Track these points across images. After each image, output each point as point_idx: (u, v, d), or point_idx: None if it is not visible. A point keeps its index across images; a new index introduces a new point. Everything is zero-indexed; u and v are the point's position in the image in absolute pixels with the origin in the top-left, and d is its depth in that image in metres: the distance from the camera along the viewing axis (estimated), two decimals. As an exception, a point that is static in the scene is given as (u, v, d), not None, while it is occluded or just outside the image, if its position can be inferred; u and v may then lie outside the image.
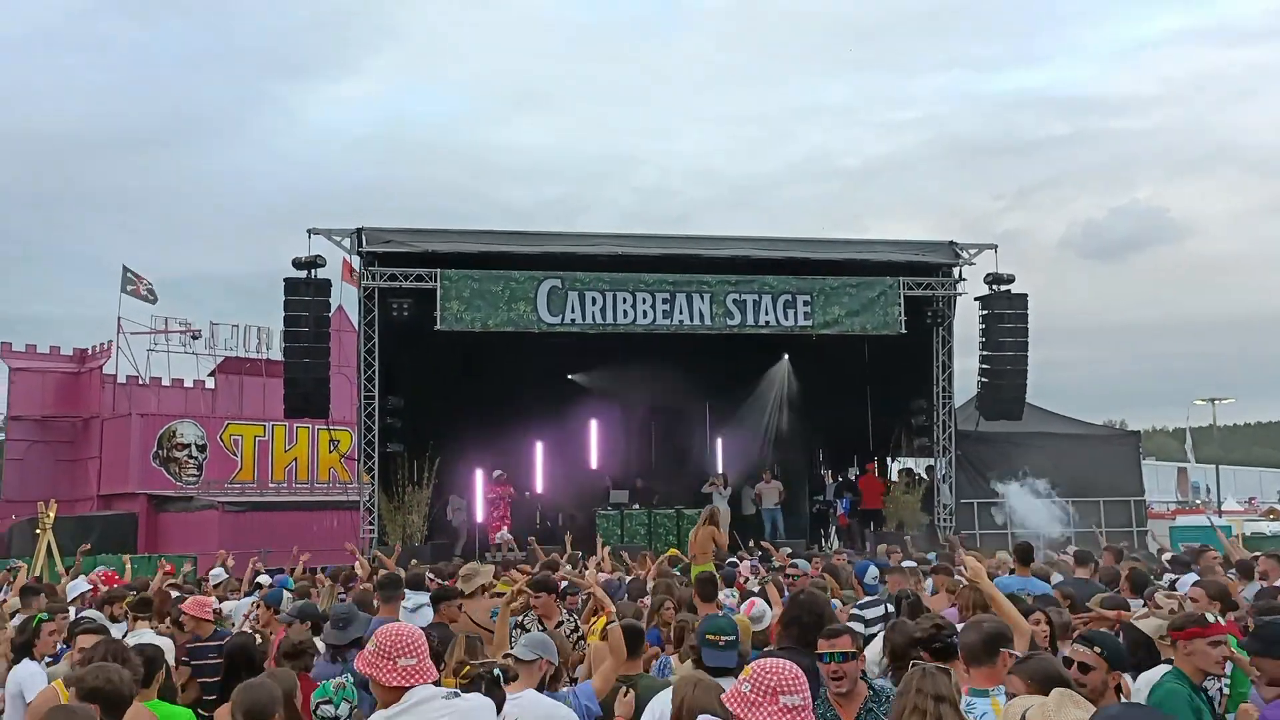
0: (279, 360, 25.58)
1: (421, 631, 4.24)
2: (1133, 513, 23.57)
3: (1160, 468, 52.51)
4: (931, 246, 21.83)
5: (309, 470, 38.11)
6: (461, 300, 19.68)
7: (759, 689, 3.47)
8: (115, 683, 4.68)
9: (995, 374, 21.32)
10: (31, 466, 37.01)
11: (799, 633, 5.65)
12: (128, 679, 4.80)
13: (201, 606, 8.47)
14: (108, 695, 4.63)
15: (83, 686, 4.66)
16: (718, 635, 5.35)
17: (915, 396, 22.41)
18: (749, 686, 3.50)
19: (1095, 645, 4.73)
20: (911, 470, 23.78)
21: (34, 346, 38.79)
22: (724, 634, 5.36)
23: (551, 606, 8.00)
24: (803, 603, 6.00)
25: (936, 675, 4.07)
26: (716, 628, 5.42)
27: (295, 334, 19.73)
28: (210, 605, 8.81)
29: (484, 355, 21.95)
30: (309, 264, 19.54)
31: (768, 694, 3.46)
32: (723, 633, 5.36)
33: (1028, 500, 20.64)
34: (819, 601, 6.07)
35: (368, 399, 20.03)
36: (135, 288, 37.04)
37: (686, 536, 20.48)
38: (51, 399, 38.34)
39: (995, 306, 21.30)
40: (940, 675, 4.07)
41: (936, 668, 4.20)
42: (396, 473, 20.09)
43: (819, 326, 20.80)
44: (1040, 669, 4.27)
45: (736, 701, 3.49)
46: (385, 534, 19.79)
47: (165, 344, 37.60)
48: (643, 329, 20.36)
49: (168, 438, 36.10)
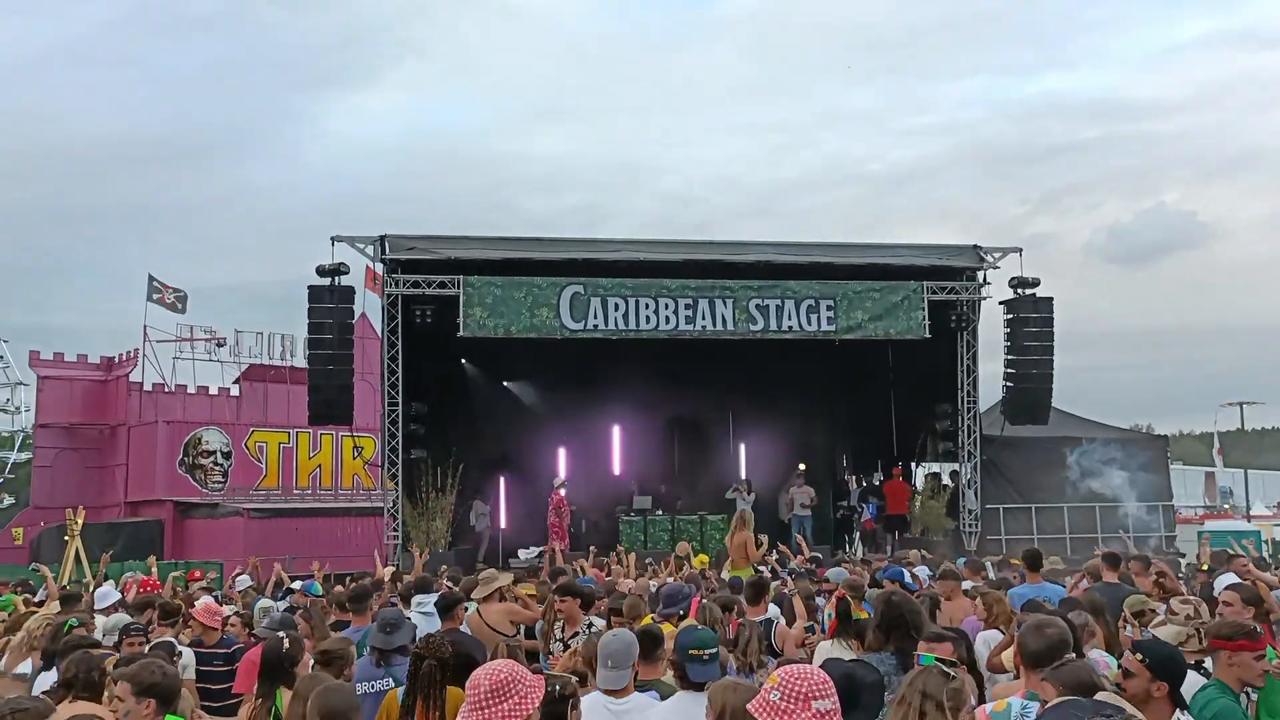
0: (303, 367, 25.69)
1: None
2: (1161, 518, 23.40)
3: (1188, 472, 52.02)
4: (955, 250, 21.71)
5: (333, 477, 38.24)
6: (484, 307, 19.70)
7: (789, 695, 3.43)
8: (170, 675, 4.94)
9: (1020, 378, 21.19)
10: (59, 474, 37.28)
11: (901, 635, 5.51)
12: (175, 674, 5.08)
13: (211, 613, 8.51)
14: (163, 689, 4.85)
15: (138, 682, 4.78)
16: (701, 649, 5.21)
17: (940, 401, 22.27)
18: (778, 694, 3.45)
19: (1138, 653, 4.64)
20: (937, 475, 23.66)
21: (62, 355, 39.10)
22: (707, 647, 5.23)
23: (575, 612, 7.97)
24: (897, 603, 5.80)
25: (933, 674, 4.01)
26: (699, 641, 5.27)
27: (319, 341, 19.83)
28: (220, 613, 8.85)
29: (507, 361, 21.97)
30: (333, 271, 19.63)
31: (799, 700, 3.41)
32: (705, 646, 5.23)
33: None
34: (914, 602, 5.92)
35: (391, 405, 20.07)
36: (161, 296, 37.30)
37: (710, 542, 20.58)
38: (79, 407, 38.62)
39: (1020, 310, 21.18)
40: (936, 675, 4.00)
41: (939, 669, 4.14)
42: (420, 479, 20.12)
43: (842, 331, 20.72)
44: (1073, 675, 4.22)
45: (766, 710, 3.44)
46: (409, 540, 19.81)
47: (190, 352, 37.86)
48: (665, 335, 20.34)
49: (193, 445, 36.29)
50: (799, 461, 24.49)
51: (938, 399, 22.33)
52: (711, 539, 21.19)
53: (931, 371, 22.07)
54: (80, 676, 5.47)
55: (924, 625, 5.57)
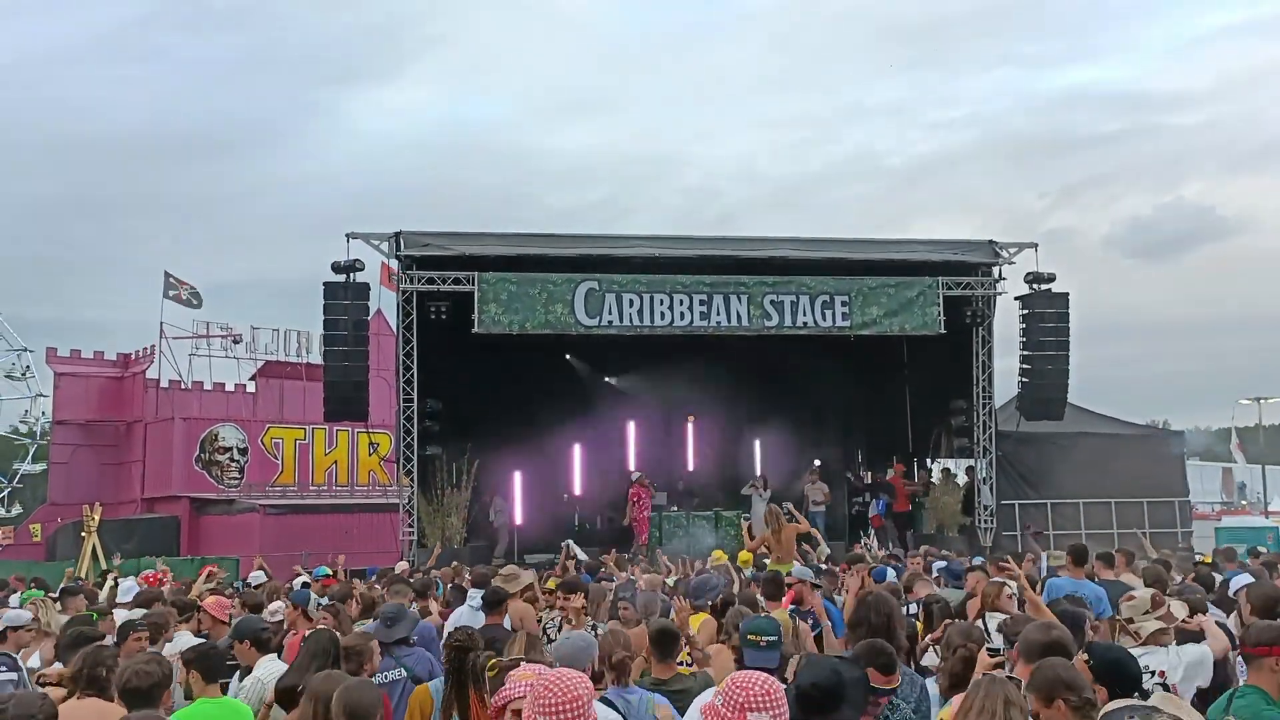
0: (319, 364, 25.78)
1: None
2: (1177, 513, 23.31)
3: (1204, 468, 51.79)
4: (971, 246, 21.64)
5: (349, 473, 38.38)
6: (499, 303, 19.72)
7: (730, 704, 3.43)
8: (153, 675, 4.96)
9: (1036, 374, 21.11)
10: (76, 470, 37.51)
11: (867, 633, 5.51)
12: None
13: (222, 608, 8.60)
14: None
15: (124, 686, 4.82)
16: (759, 635, 5.29)
17: (955, 397, 22.19)
18: (721, 699, 3.47)
19: (1086, 654, 4.48)
20: (949, 471, 23.60)
21: (79, 352, 39.31)
22: (765, 634, 5.30)
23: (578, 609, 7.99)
24: (871, 604, 5.84)
25: (1009, 683, 4.03)
26: (757, 628, 5.36)
27: (334, 337, 19.87)
28: (230, 607, 8.92)
29: (522, 358, 21.99)
30: (348, 268, 19.66)
31: (736, 709, 3.41)
32: (764, 633, 5.31)
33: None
34: (888, 603, 5.91)
35: (406, 402, 20.10)
36: (177, 293, 37.44)
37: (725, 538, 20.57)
38: (95, 403, 38.83)
39: (1035, 306, 21.09)
40: (1012, 684, 4.03)
41: (1008, 676, 4.16)
42: (435, 475, 20.17)
43: (857, 327, 20.68)
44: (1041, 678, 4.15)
45: (710, 715, 3.45)
46: (424, 536, 19.86)
47: (207, 348, 37.99)
48: (680, 330, 20.33)
49: (209, 441, 36.45)
50: (814, 458, 24.47)
51: (953, 395, 22.25)
52: (726, 535, 21.20)
53: (946, 367, 22.01)
54: (85, 672, 5.48)
55: (895, 625, 5.59)
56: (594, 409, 24.55)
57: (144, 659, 5.21)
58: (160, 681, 5.05)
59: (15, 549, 32.54)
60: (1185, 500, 24.20)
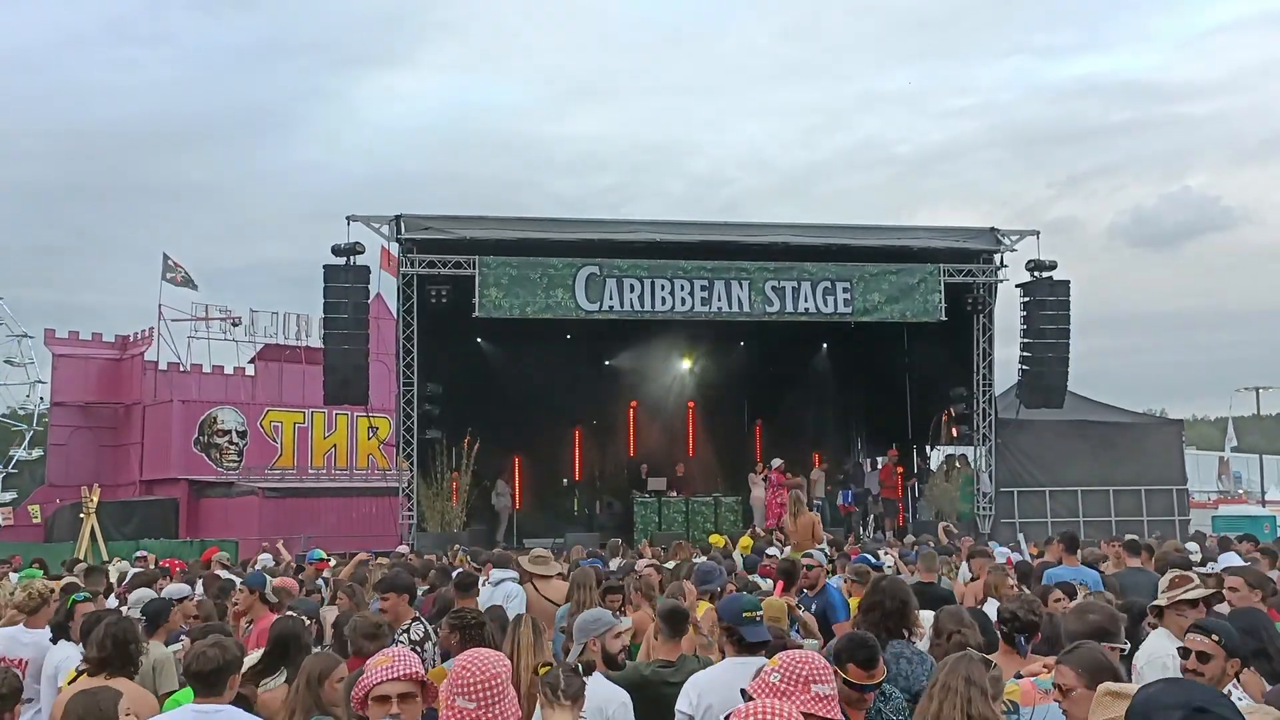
0: (319, 347, 25.74)
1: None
2: (1174, 502, 23.36)
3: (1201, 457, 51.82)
4: (972, 233, 21.62)
5: (348, 457, 38.35)
6: (500, 287, 19.69)
7: (789, 678, 3.46)
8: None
9: (1036, 361, 21.12)
10: (75, 452, 37.45)
11: (880, 618, 5.52)
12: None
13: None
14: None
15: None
16: (753, 611, 5.25)
17: (955, 384, 22.21)
18: (778, 676, 3.48)
19: (1213, 634, 4.49)
20: (951, 457, 23.63)
21: (77, 333, 39.22)
22: (756, 609, 5.29)
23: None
24: (885, 589, 5.79)
25: (975, 663, 4.06)
26: (749, 604, 5.32)
27: (334, 320, 19.83)
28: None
29: (522, 342, 21.97)
30: (348, 251, 19.61)
31: (799, 683, 3.44)
32: (755, 609, 5.29)
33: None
34: (901, 588, 5.89)
35: (406, 386, 20.10)
36: (175, 275, 37.32)
37: (724, 524, 20.61)
38: (94, 385, 38.71)
39: (1037, 293, 21.09)
40: (979, 664, 4.06)
41: (980, 657, 4.18)
42: (435, 459, 20.19)
43: (858, 314, 20.67)
44: (1090, 658, 4.19)
45: (765, 691, 3.46)
46: (424, 520, 19.88)
47: (206, 331, 37.91)
48: (681, 316, 20.33)
49: (208, 424, 36.41)
50: (813, 443, 24.50)
51: (953, 382, 22.27)
52: (725, 520, 21.23)
53: (947, 354, 22.02)
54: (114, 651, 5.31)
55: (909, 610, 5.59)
56: (594, 394, 24.53)
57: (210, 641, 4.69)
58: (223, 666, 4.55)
59: (14, 529, 32.50)
60: (1183, 488, 24.24)
